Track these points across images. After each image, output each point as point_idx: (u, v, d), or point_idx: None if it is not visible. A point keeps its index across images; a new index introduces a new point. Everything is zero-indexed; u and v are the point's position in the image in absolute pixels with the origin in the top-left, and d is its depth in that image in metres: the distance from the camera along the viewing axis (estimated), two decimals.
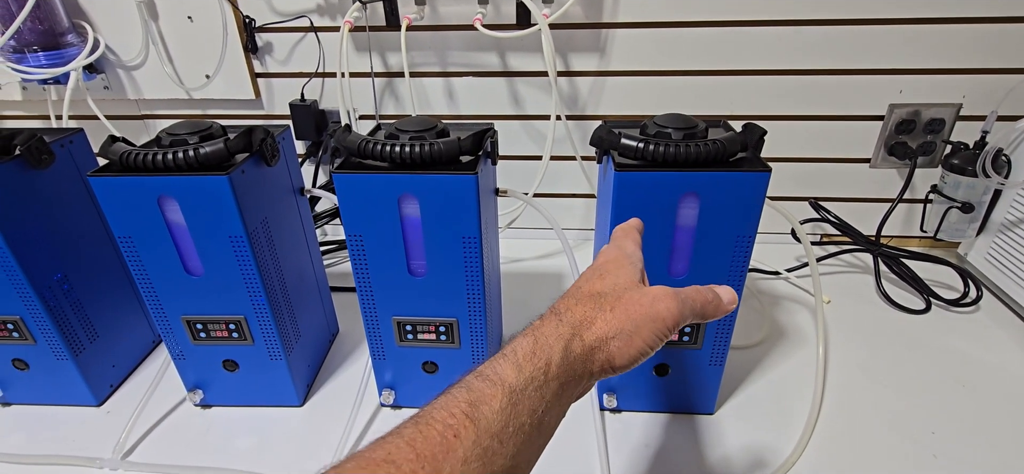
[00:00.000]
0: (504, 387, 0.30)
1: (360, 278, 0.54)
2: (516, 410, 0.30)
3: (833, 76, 0.82)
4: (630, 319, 0.34)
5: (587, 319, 0.34)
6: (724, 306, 0.38)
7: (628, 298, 0.35)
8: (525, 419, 0.30)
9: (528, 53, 0.84)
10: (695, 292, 0.37)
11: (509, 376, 0.31)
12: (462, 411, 0.29)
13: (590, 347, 0.33)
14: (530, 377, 0.31)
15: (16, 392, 0.65)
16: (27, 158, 0.56)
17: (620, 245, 0.40)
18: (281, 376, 0.62)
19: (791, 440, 0.58)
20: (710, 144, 0.47)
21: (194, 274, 0.55)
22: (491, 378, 0.31)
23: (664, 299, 0.34)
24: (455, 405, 0.29)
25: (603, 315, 0.34)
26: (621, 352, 0.33)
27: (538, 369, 0.31)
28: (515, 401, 0.30)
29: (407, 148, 0.49)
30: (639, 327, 0.34)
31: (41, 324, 0.59)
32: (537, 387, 0.31)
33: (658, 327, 0.34)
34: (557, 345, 0.32)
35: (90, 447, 0.60)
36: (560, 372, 0.32)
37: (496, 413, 0.29)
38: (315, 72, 0.88)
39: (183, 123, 0.54)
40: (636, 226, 0.44)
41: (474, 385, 0.30)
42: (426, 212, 0.50)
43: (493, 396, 0.30)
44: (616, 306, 0.34)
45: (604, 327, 0.34)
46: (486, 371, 0.31)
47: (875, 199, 0.91)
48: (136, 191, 0.50)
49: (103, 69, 0.89)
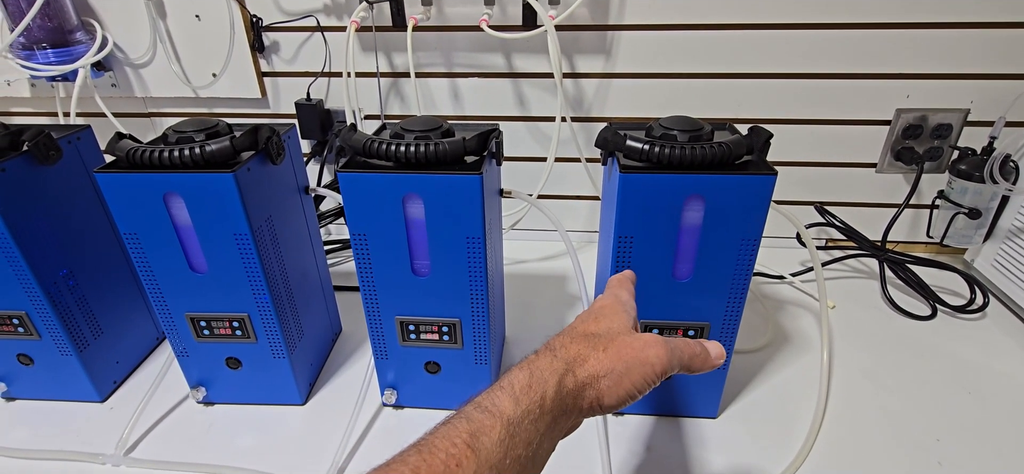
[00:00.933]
0: (502, 419, 0.31)
1: (364, 277, 0.54)
2: (514, 441, 0.31)
3: (840, 80, 0.82)
4: (622, 360, 0.35)
5: (581, 357, 0.35)
6: (711, 361, 0.39)
7: (621, 341, 0.36)
8: (522, 451, 0.31)
9: (534, 54, 0.84)
10: (685, 344, 0.38)
11: (507, 408, 0.32)
12: (463, 441, 0.30)
13: (582, 383, 0.34)
14: (527, 410, 0.32)
15: (20, 387, 0.66)
16: (35, 154, 0.56)
17: (615, 294, 0.42)
18: (284, 374, 0.62)
19: (794, 446, 0.58)
20: (716, 147, 0.47)
21: (198, 271, 0.55)
22: (490, 410, 0.31)
23: (654, 346, 0.36)
24: (456, 435, 0.30)
25: (596, 355, 0.35)
26: (610, 391, 0.35)
27: (534, 402, 0.32)
28: (513, 433, 0.31)
29: (412, 148, 0.49)
30: (629, 369, 0.35)
31: (46, 320, 0.59)
32: (533, 420, 0.32)
33: (647, 372, 0.35)
34: (552, 379, 0.33)
35: (93, 443, 0.60)
36: (553, 405, 0.33)
37: (495, 444, 0.30)
38: (321, 72, 0.88)
39: (190, 121, 0.55)
40: (630, 277, 0.46)
41: (473, 416, 0.31)
42: (430, 212, 0.50)
43: (492, 427, 0.31)
44: (609, 347, 0.36)
45: (596, 366, 0.35)
46: (484, 402, 0.32)
47: (881, 204, 0.91)
48: (142, 188, 0.50)
49: (111, 67, 0.89)
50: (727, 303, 0.54)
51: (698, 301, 0.54)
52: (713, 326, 0.55)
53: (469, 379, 0.60)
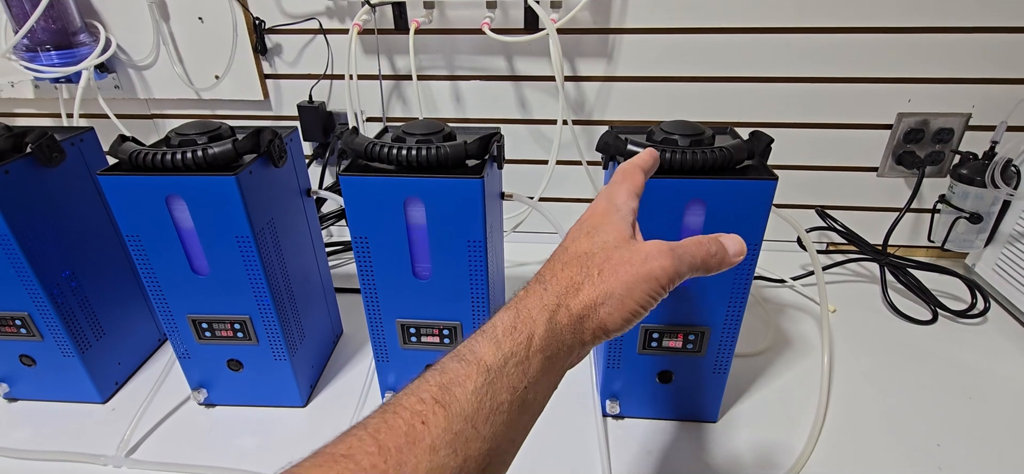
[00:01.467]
0: (480, 366, 0.29)
1: (365, 280, 0.55)
2: (494, 389, 0.28)
3: (841, 84, 0.82)
4: (620, 281, 0.31)
5: (573, 285, 0.32)
6: (730, 258, 0.34)
7: (618, 257, 0.32)
8: (504, 397, 0.28)
9: (535, 57, 0.84)
10: (695, 245, 0.33)
11: (486, 354, 0.29)
12: (432, 396, 0.27)
13: (578, 316, 0.31)
14: (510, 353, 0.29)
15: (22, 388, 0.66)
16: (38, 156, 0.56)
17: (611, 196, 0.36)
18: (285, 376, 0.62)
19: (795, 450, 0.58)
20: (717, 151, 0.47)
21: (200, 273, 0.55)
22: (467, 358, 0.29)
23: (657, 256, 0.32)
24: (425, 390, 0.28)
25: (590, 279, 0.31)
26: (612, 317, 0.31)
27: (519, 344, 0.29)
28: (492, 380, 0.28)
29: (413, 151, 0.49)
30: (631, 289, 0.31)
31: (48, 321, 0.60)
32: (518, 363, 0.29)
33: (651, 287, 0.31)
34: (541, 317, 0.30)
35: (95, 444, 0.60)
36: (544, 345, 0.30)
37: (470, 394, 0.28)
38: (323, 74, 0.88)
39: (192, 123, 0.55)
40: (642, 164, 0.38)
41: (449, 366, 0.29)
42: (432, 215, 0.50)
43: (467, 377, 0.28)
44: (605, 267, 0.32)
45: (592, 292, 0.31)
46: (463, 351, 0.30)
47: (882, 208, 0.91)
48: (144, 190, 0.50)
49: (114, 68, 0.89)
50: (728, 307, 0.54)
51: (699, 305, 0.54)
52: (714, 330, 0.56)
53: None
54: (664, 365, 0.59)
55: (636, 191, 0.37)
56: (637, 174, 0.38)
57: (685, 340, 0.56)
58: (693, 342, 0.56)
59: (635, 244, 0.33)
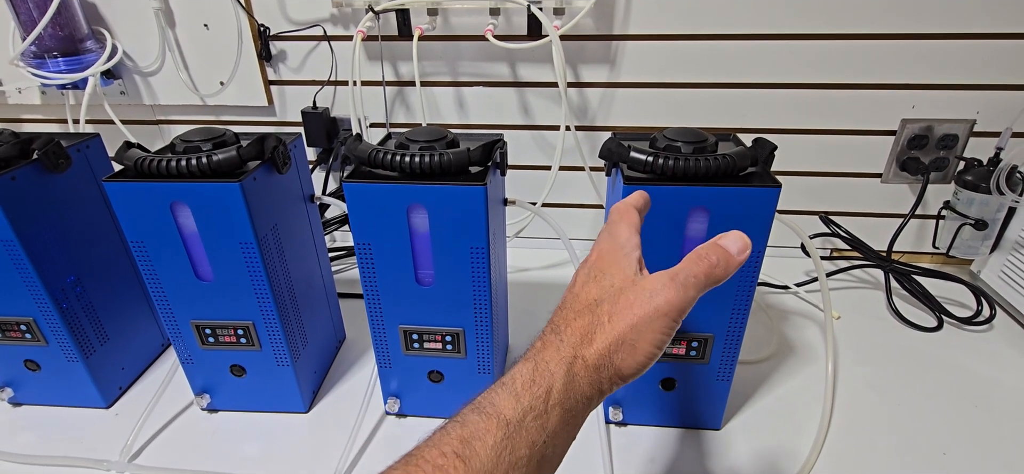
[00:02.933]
0: (499, 420, 0.29)
1: (368, 286, 0.55)
2: (513, 444, 0.28)
3: (845, 90, 0.82)
4: (629, 324, 0.31)
5: (587, 334, 0.32)
6: (736, 260, 0.33)
7: (625, 301, 0.32)
8: (524, 452, 0.29)
9: (539, 64, 0.84)
10: (696, 262, 0.33)
11: (506, 407, 0.29)
12: (453, 450, 0.28)
13: (594, 366, 0.31)
14: (529, 407, 0.29)
15: (27, 392, 0.66)
16: (44, 162, 0.57)
17: (613, 233, 0.37)
18: (287, 382, 0.62)
19: (799, 458, 0.57)
20: (720, 159, 0.47)
21: (204, 279, 0.55)
22: (487, 410, 0.29)
23: (662, 291, 0.31)
24: (446, 443, 0.28)
25: (602, 327, 0.32)
26: (627, 362, 0.31)
27: (537, 398, 0.30)
28: (511, 434, 0.29)
29: (417, 158, 0.49)
30: (641, 331, 0.31)
31: (53, 326, 0.60)
32: (536, 417, 0.29)
33: (662, 324, 0.31)
34: (558, 370, 0.31)
35: (98, 449, 0.60)
36: (563, 398, 0.30)
37: (490, 449, 0.28)
38: (327, 80, 0.88)
39: (197, 130, 0.55)
40: (636, 204, 0.39)
41: (469, 419, 0.29)
42: (435, 222, 0.50)
43: (487, 431, 0.28)
44: (614, 313, 0.32)
45: (605, 341, 0.31)
46: (483, 403, 0.30)
47: (886, 214, 0.91)
48: (149, 196, 0.51)
49: (120, 75, 0.90)
50: (731, 314, 0.54)
51: (702, 312, 0.54)
52: (717, 337, 0.55)
53: (472, 388, 0.60)
54: (667, 372, 0.58)
55: (636, 227, 0.37)
56: (632, 212, 0.38)
57: (688, 347, 0.56)
58: (696, 349, 0.56)
59: (640, 282, 0.33)
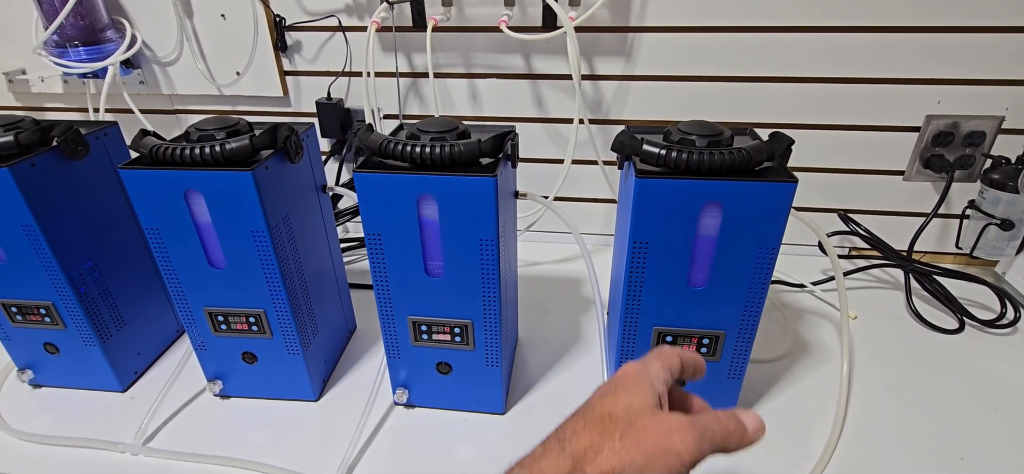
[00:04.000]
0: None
1: (378, 277, 0.55)
2: None
3: (867, 85, 0.80)
4: (641, 451, 0.30)
5: (593, 448, 0.30)
6: (749, 437, 0.33)
7: (640, 425, 0.31)
8: None
9: (553, 56, 0.84)
10: (716, 421, 0.32)
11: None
12: None
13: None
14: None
15: (46, 375, 0.68)
16: (63, 149, 0.58)
17: (646, 362, 0.36)
18: (298, 370, 0.63)
19: (810, 459, 0.56)
20: (735, 153, 0.46)
21: (217, 267, 0.56)
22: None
23: (680, 430, 0.31)
24: None
25: (611, 445, 0.30)
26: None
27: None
28: None
29: (428, 149, 0.49)
30: (651, 461, 0.30)
31: (71, 310, 0.61)
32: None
33: (672, 461, 0.30)
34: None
35: (114, 431, 0.61)
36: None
37: None
38: (342, 71, 0.89)
39: (211, 119, 0.56)
40: (683, 356, 0.38)
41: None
42: (444, 213, 0.50)
43: None
44: (627, 434, 0.31)
45: (611, 459, 0.30)
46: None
47: (908, 213, 0.88)
48: (164, 184, 0.51)
49: (139, 64, 0.91)
50: (744, 312, 0.53)
51: (714, 309, 0.53)
52: (728, 335, 0.55)
53: (480, 380, 0.60)
54: None
55: (671, 369, 0.36)
56: (675, 359, 0.37)
57: (699, 344, 0.55)
58: (708, 346, 0.55)
59: (659, 414, 0.32)
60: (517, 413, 0.63)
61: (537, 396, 0.66)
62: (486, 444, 0.60)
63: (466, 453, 0.59)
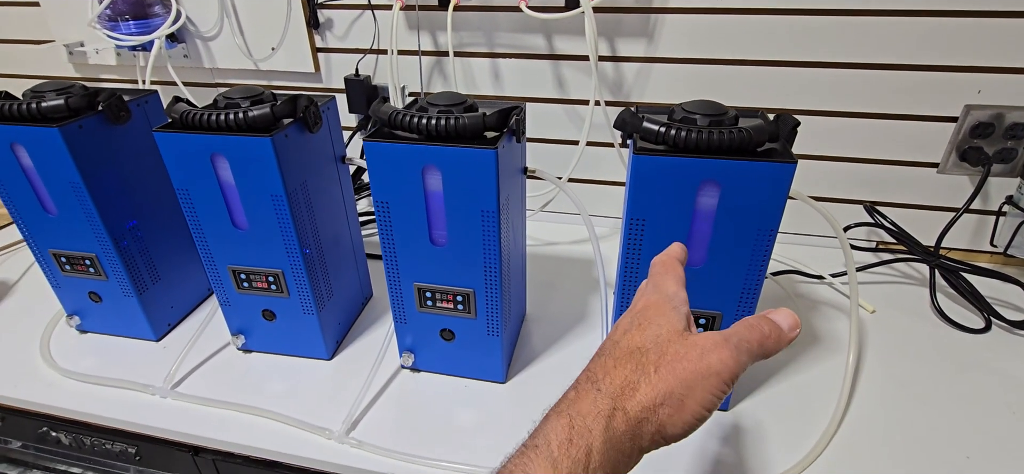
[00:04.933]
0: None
1: (386, 243, 0.57)
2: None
3: (903, 72, 0.76)
4: (679, 379, 0.29)
5: (629, 385, 0.29)
6: (786, 336, 0.32)
7: (674, 353, 0.30)
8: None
9: (575, 36, 0.84)
10: (748, 329, 0.31)
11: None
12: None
13: (636, 419, 0.29)
14: (568, 472, 0.27)
15: (91, 322, 0.74)
16: (107, 114, 0.62)
17: (659, 286, 0.35)
18: (312, 329, 0.66)
19: (804, 446, 0.56)
20: (736, 132, 0.46)
21: (240, 227, 0.60)
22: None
23: (715, 350, 0.29)
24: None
25: (647, 378, 0.29)
26: (673, 420, 0.29)
27: (577, 462, 0.27)
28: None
29: (434, 120, 0.51)
30: (691, 387, 0.28)
31: (112, 263, 0.66)
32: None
33: (712, 383, 0.28)
34: (597, 425, 0.28)
35: (147, 375, 0.66)
36: (603, 459, 0.27)
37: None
38: (369, 48, 0.92)
39: (238, 89, 0.59)
40: (678, 256, 0.38)
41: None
42: (448, 184, 0.52)
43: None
44: (661, 364, 0.29)
45: (650, 392, 0.29)
46: (516, 472, 0.27)
47: (941, 208, 0.85)
48: (192, 147, 0.55)
49: (184, 39, 0.97)
50: (741, 293, 0.53)
51: (711, 289, 0.53)
52: (726, 315, 0.55)
53: (482, 349, 0.62)
54: None
55: (682, 281, 0.35)
56: (676, 265, 0.37)
57: (695, 323, 0.56)
58: (704, 327, 0.55)
59: (690, 337, 0.31)
60: (517, 383, 0.65)
61: (538, 368, 0.67)
62: (485, 410, 0.62)
63: (466, 417, 0.61)
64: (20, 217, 0.66)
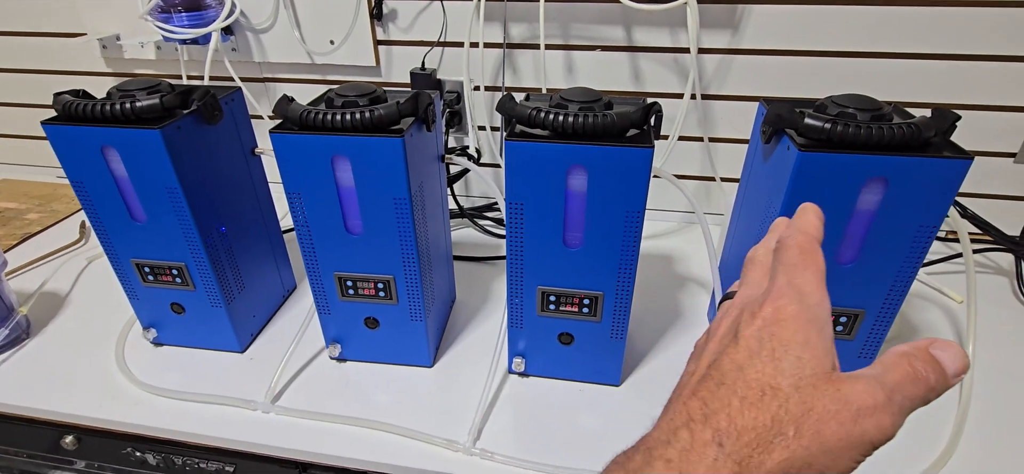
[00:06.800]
0: None
1: (513, 248, 0.55)
2: None
3: (981, 62, 0.77)
4: (823, 447, 0.22)
5: (760, 444, 0.22)
6: (951, 383, 0.24)
7: (822, 410, 0.22)
8: None
9: (657, 27, 0.82)
10: (912, 383, 0.23)
11: None
12: None
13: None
14: None
15: (168, 334, 0.70)
16: (202, 113, 0.58)
17: (797, 286, 0.25)
18: (419, 336, 0.63)
19: (939, 442, 0.56)
20: (904, 127, 0.45)
21: (353, 233, 0.57)
22: None
23: (873, 414, 0.22)
24: None
25: (784, 439, 0.22)
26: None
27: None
28: None
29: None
30: (836, 458, 0.22)
31: (203, 272, 0.63)
32: None
33: (860, 453, 0.22)
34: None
35: (239, 389, 0.63)
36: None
37: None
38: (437, 40, 0.88)
39: (349, 86, 0.56)
40: (816, 234, 0.28)
41: None
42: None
43: None
44: (803, 424, 0.22)
45: (785, 461, 0.22)
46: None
47: (1017, 197, 0.86)
48: (312, 149, 0.52)
49: (234, 32, 0.92)
50: (889, 292, 0.52)
51: (857, 288, 0.52)
52: (868, 314, 0.54)
53: (603, 351, 0.61)
54: None
55: (823, 273, 0.26)
56: (816, 250, 0.27)
57: (836, 322, 0.55)
58: (844, 325, 0.55)
59: (842, 386, 0.23)
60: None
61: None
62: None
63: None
64: (102, 225, 0.61)
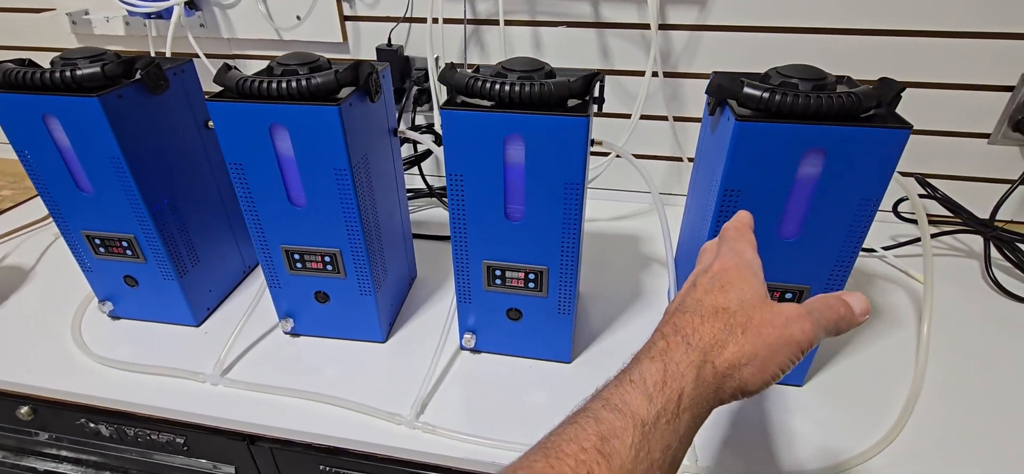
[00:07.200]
0: (635, 420, 0.29)
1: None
2: (648, 446, 0.29)
3: (954, 39, 0.75)
4: (764, 343, 0.31)
5: (718, 342, 0.32)
6: (856, 319, 0.34)
7: (760, 319, 0.32)
8: (658, 455, 0.29)
9: (623, 3, 0.81)
10: (825, 306, 0.34)
11: (640, 407, 0.29)
12: (593, 445, 0.28)
13: (722, 374, 0.31)
14: (661, 409, 0.29)
15: (124, 307, 0.70)
16: (146, 83, 0.58)
17: (737, 250, 0.37)
18: (368, 311, 0.63)
19: (888, 418, 0.55)
20: (842, 97, 0.44)
21: (297, 205, 0.56)
22: (620, 409, 0.29)
23: (798, 321, 0.32)
24: (585, 437, 0.28)
25: (735, 338, 0.32)
26: (753, 379, 0.32)
27: (670, 401, 0.30)
28: (647, 435, 0.29)
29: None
30: (774, 352, 0.31)
31: (153, 244, 0.62)
32: (668, 420, 0.29)
33: (792, 351, 0.32)
34: (689, 373, 0.31)
35: (191, 362, 0.63)
36: (691, 403, 0.30)
37: (628, 448, 0.28)
38: (403, 17, 0.87)
39: (292, 55, 0.55)
40: (748, 223, 0.40)
41: (602, 416, 0.29)
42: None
43: (624, 429, 0.29)
44: (748, 327, 0.32)
45: (737, 352, 0.31)
46: (613, 399, 0.30)
47: (989, 179, 0.84)
48: (250, 118, 0.51)
49: (201, 7, 0.91)
50: (833, 268, 0.51)
51: (801, 263, 0.52)
52: (813, 290, 0.53)
53: (550, 327, 0.60)
54: None
55: (755, 248, 0.38)
56: (749, 231, 0.39)
57: (781, 298, 0.54)
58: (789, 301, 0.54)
59: (774, 306, 0.33)
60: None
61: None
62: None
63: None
64: (50, 196, 0.61)
